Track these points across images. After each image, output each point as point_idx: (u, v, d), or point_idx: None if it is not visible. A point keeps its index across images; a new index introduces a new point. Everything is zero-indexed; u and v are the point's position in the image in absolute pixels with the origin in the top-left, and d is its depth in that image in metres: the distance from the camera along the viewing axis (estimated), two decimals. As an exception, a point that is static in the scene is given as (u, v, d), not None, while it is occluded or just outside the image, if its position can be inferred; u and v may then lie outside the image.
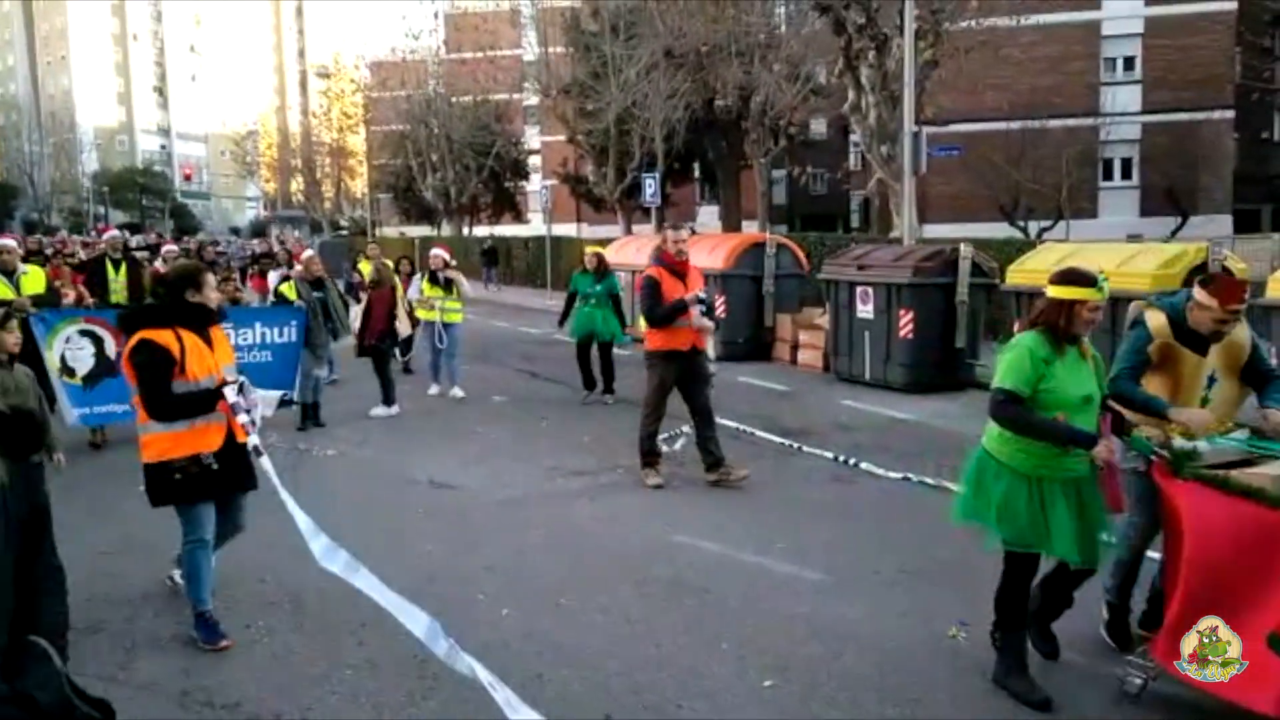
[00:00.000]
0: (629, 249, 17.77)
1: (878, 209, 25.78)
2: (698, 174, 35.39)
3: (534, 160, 46.00)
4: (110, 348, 7.90)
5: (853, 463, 7.88)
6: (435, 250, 11.74)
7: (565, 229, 37.90)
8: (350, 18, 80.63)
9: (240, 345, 8.05)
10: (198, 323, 4.43)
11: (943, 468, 7.61)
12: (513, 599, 5.05)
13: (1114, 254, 9.92)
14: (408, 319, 11.94)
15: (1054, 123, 28.51)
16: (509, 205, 43.19)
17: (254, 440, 4.27)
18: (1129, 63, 31.27)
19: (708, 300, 7.27)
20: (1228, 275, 5.06)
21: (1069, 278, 3.84)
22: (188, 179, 77.62)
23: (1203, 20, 29.87)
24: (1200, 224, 27.58)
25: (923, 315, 11.34)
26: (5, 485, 1.81)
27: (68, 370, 7.84)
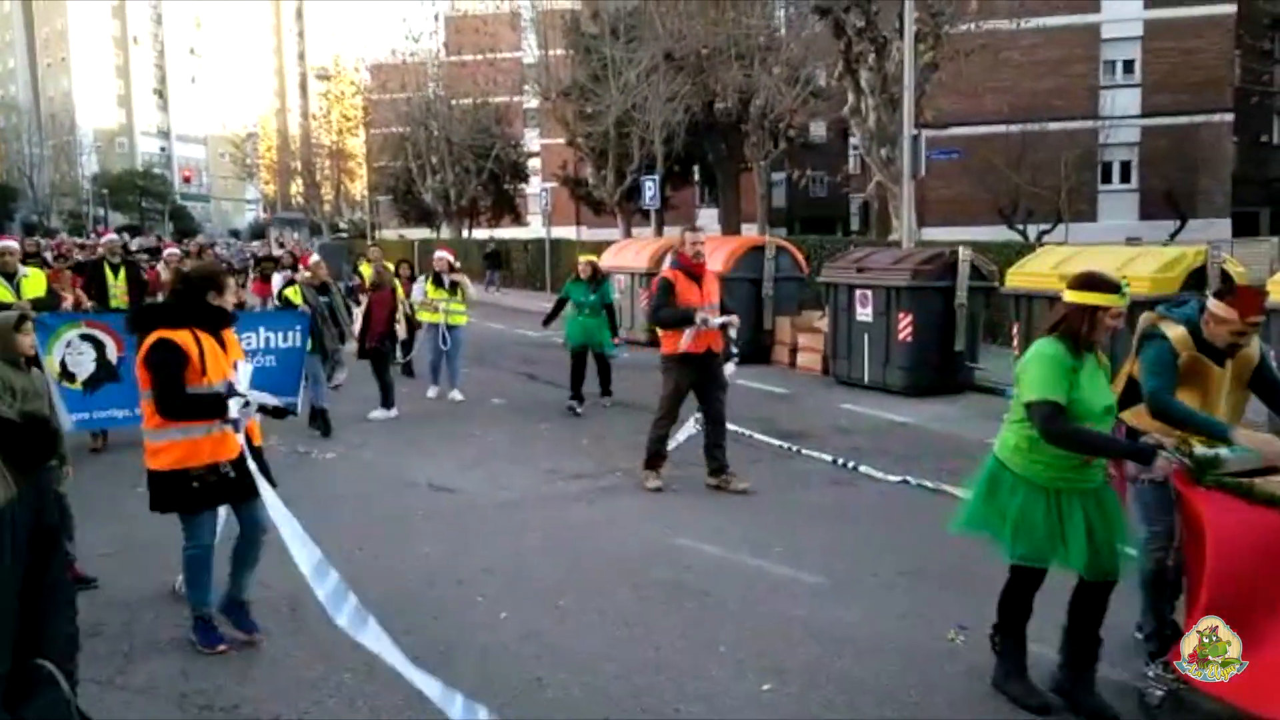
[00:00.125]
0: (627, 252, 17.80)
1: (877, 212, 25.77)
2: (697, 177, 35.44)
3: (534, 163, 46.01)
4: (111, 352, 7.84)
5: (851, 466, 7.88)
6: (439, 253, 11.72)
7: (565, 232, 37.93)
8: (350, 20, 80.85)
9: (244, 350, 8.01)
10: (214, 325, 4.37)
11: (941, 471, 7.62)
12: (511, 602, 5.05)
13: (1113, 257, 9.93)
14: (406, 322, 11.97)
15: (1053, 126, 28.56)
16: (508, 208, 43.21)
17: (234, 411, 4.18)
18: (1128, 66, 31.32)
19: (735, 348, 7.55)
20: (1244, 286, 4.94)
21: (1091, 283, 3.66)
22: (187, 181, 77.66)
23: (1202, 23, 29.93)
24: (1199, 227, 27.60)
25: (922, 318, 11.35)
26: (14, 499, 1.73)
27: (67, 375, 7.81)
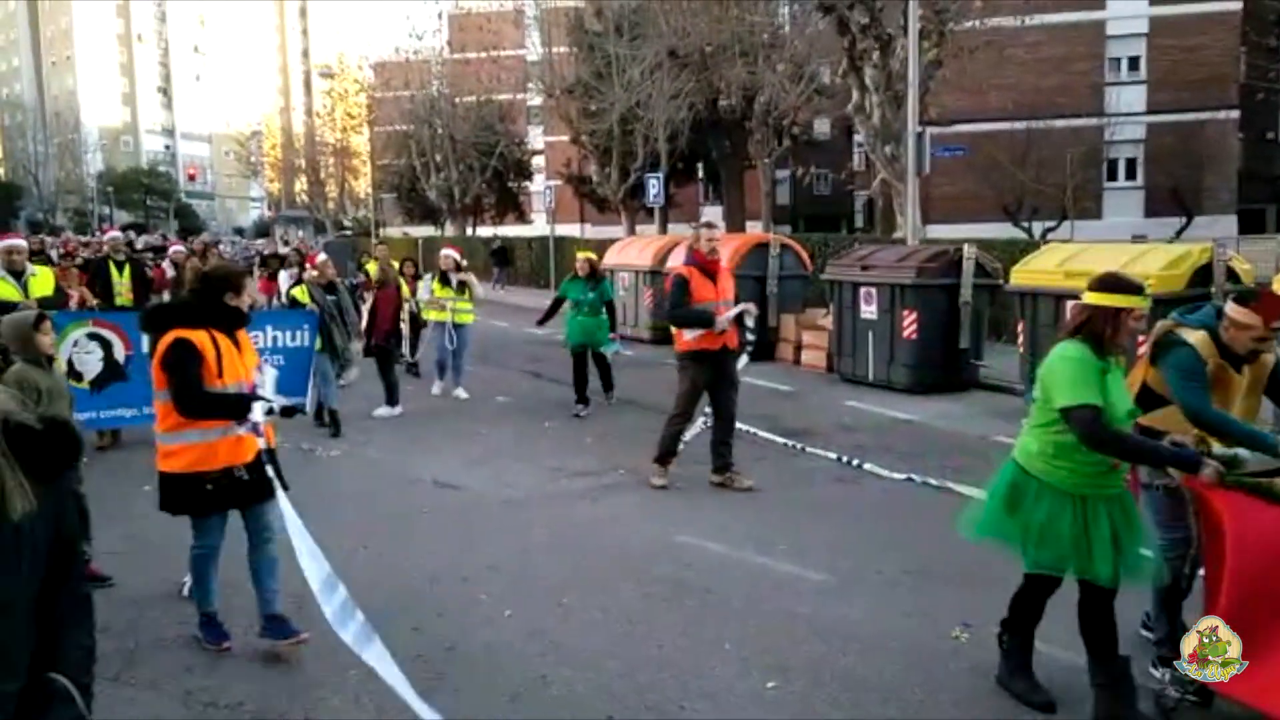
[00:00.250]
0: (631, 250, 17.79)
1: (881, 209, 25.73)
2: (701, 174, 35.37)
3: (537, 160, 46.01)
4: (119, 351, 7.84)
5: (856, 463, 7.87)
6: (446, 251, 11.57)
7: (569, 229, 37.91)
8: (354, 18, 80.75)
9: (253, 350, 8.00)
10: (230, 326, 4.33)
11: (946, 468, 7.62)
12: (515, 599, 5.05)
13: (1119, 254, 9.89)
14: (412, 320, 11.98)
15: (1059, 123, 28.45)
16: (512, 205, 43.21)
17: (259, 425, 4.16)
18: (1134, 63, 31.20)
19: (752, 340, 7.43)
20: (1268, 291, 4.86)
21: (1115, 285, 3.58)
22: (192, 179, 77.84)
23: (1208, 20, 29.81)
24: (1205, 224, 27.51)
25: (926, 316, 11.33)
26: (33, 511, 1.67)
27: (74, 374, 7.80)
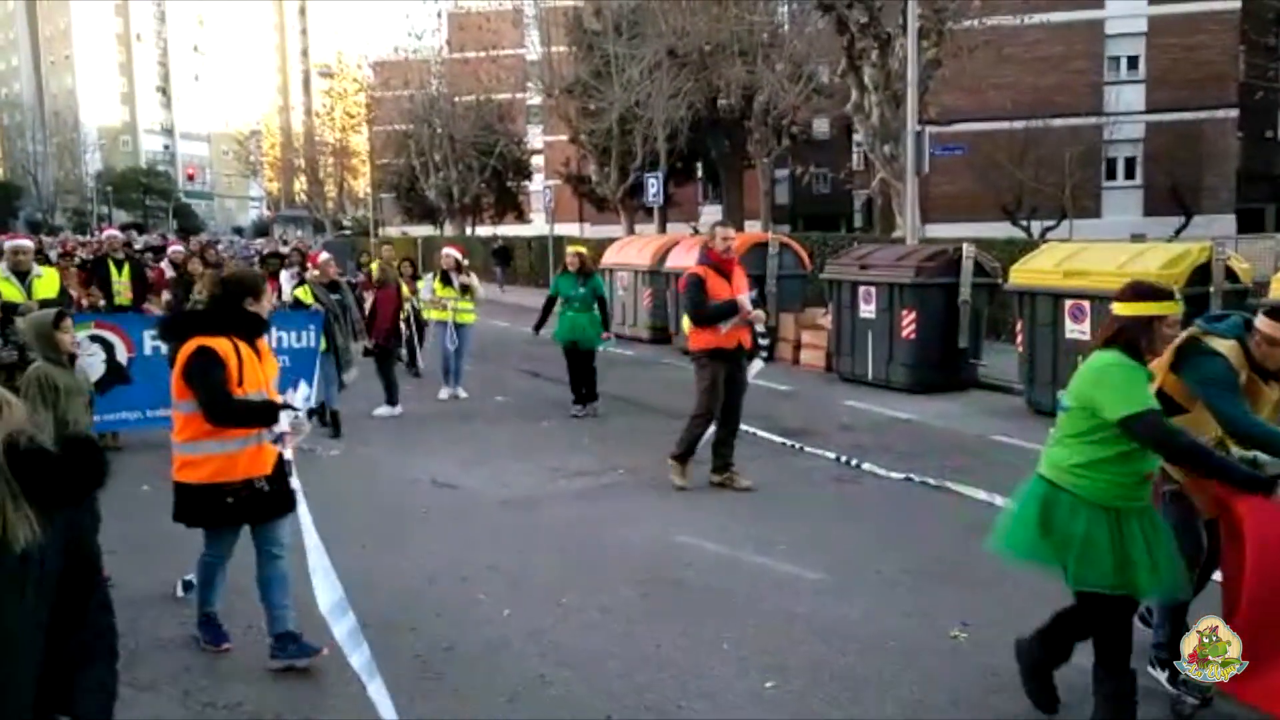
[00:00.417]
0: (630, 249, 17.78)
1: (880, 209, 25.74)
2: (700, 174, 35.39)
3: (536, 160, 46.04)
4: (121, 354, 7.79)
5: (855, 463, 7.87)
6: (447, 250, 11.46)
7: (568, 229, 37.91)
8: (353, 17, 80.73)
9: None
10: (250, 333, 4.22)
11: (945, 468, 7.62)
12: (514, 599, 5.05)
13: (1118, 253, 9.89)
14: (415, 318, 11.96)
15: (1057, 122, 28.46)
16: (511, 205, 43.22)
17: (288, 453, 4.15)
18: (1133, 62, 31.21)
19: (756, 303, 7.26)
20: None
21: (1145, 292, 3.50)
22: (191, 179, 77.81)
23: (1206, 19, 29.82)
24: (1204, 223, 27.52)
25: (925, 315, 11.32)
26: (38, 541, 1.53)
27: None
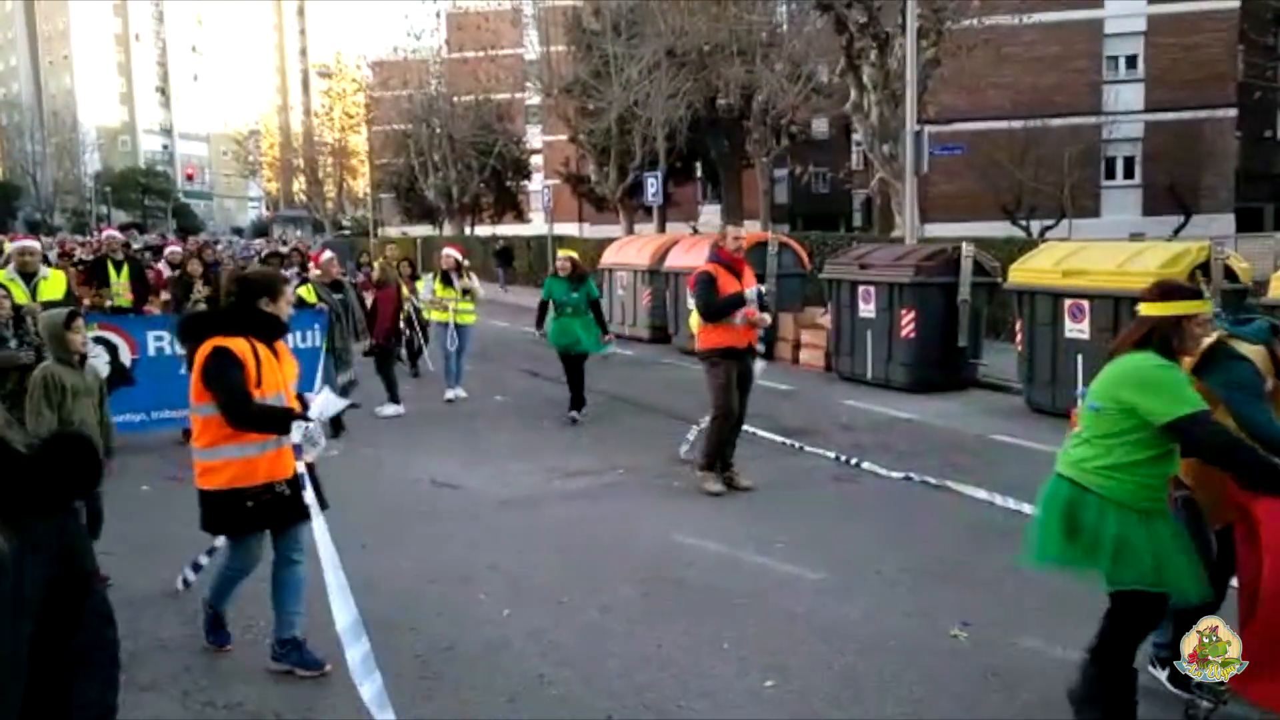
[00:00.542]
0: (630, 249, 17.79)
1: (880, 208, 25.75)
2: (699, 173, 35.40)
3: (536, 160, 46.02)
4: (125, 355, 7.76)
5: (854, 462, 7.86)
6: (447, 250, 11.39)
7: (567, 228, 37.93)
8: (352, 17, 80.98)
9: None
10: (268, 334, 4.11)
11: (945, 467, 7.62)
12: (514, 599, 5.05)
13: (1117, 253, 9.90)
14: (417, 318, 11.95)
15: (1056, 121, 28.48)
16: (511, 205, 43.22)
17: (301, 466, 3.97)
18: (1131, 61, 31.22)
19: (763, 295, 7.22)
20: None
21: (1175, 292, 3.45)
22: (190, 179, 77.71)
23: (1205, 18, 29.83)
24: (1203, 223, 27.54)
25: (925, 314, 11.33)
26: (13, 550, 1.39)
27: None
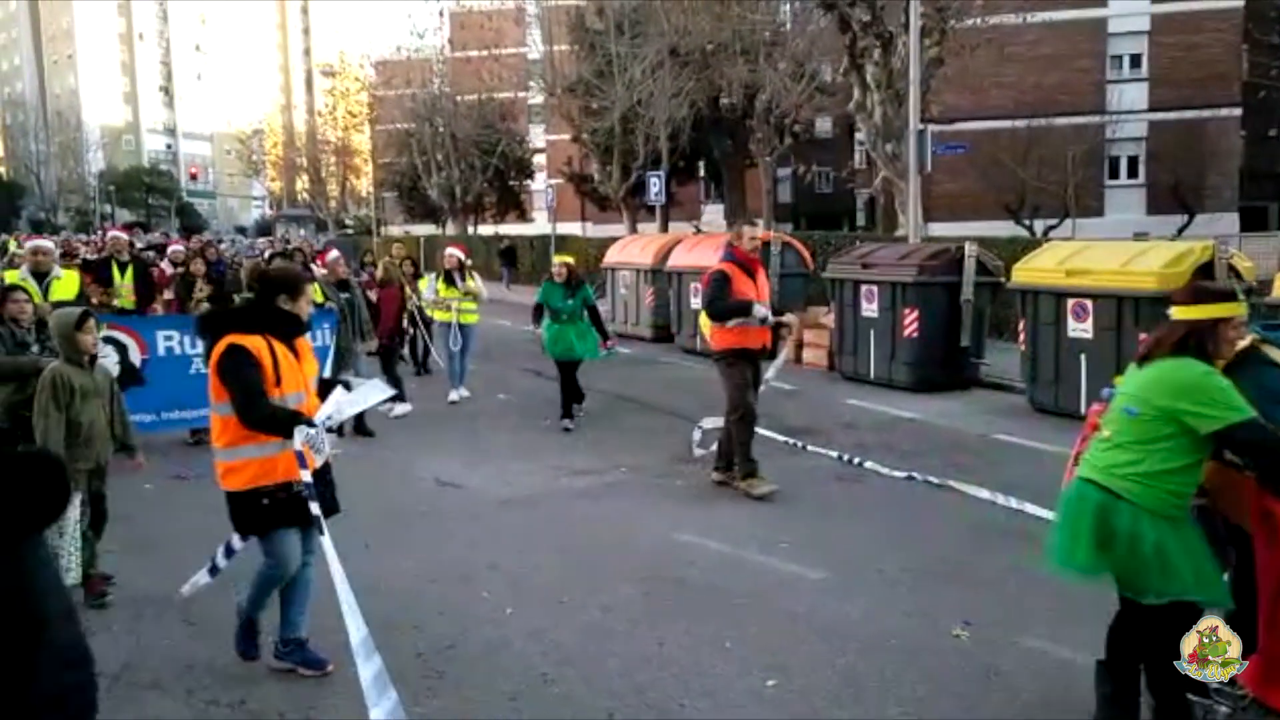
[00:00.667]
0: (633, 248, 17.79)
1: (883, 207, 25.69)
2: (703, 172, 35.36)
3: (539, 159, 46.04)
4: (134, 355, 7.75)
5: (857, 461, 7.87)
6: (450, 250, 11.38)
7: (570, 228, 37.92)
8: (355, 16, 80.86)
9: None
10: (287, 332, 4.06)
11: (947, 467, 7.62)
12: (516, 598, 5.06)
13: (1120, 252, 9.89)
14: (419, 318, 11.96)
15: (1060, 121, 28.43)
16: (514, 204, 43.23)
17: (307, 477, 3.84)
18: (1135, 60, 31.17)
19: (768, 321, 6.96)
20: None
21: (1208, 295, 3.39)
22: (194, 178, 77.73)
23: (1210, 17, 29.77)
24: (1207, 222, 27.50)
25: (928, 314, 11.32)
26: None
27: None
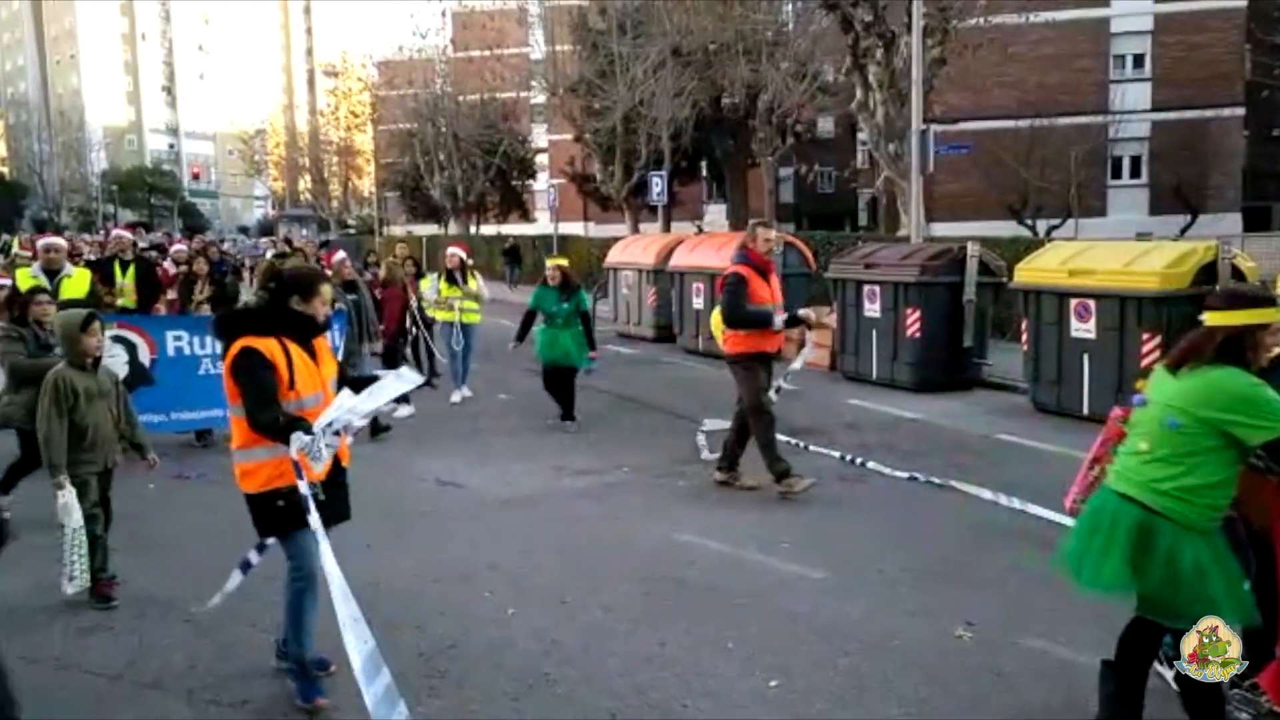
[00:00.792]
0: (635, 248, 17.80)
1: (885, 207, 25.69)
2: (705, 172, 35.36)
3: (541, 159, 46.08)
4: (144, 354, 7.74)
5: (859, 462, 7.86)
6: (452, 249, 11.35)
7: (572, 228, 37.95)
8: (358, 17, 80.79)
9: None
10: (303, 334, 3.97)
11: (949, 467, 7.61)
12: (518, 598, 5.05)
13: (1123, 252, 9.88)
14: (421, 317, 11.96)
15: (1063, 120, 28.39)
16: (516, 204, 43.25)
17: (304, 488, 3.72)
18: (1138, 60, 31.13)
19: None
20: None
21: (1244, 300, 3.32)
22: (196, 178, 77.91)
23: (1213, 17, 29.74)
24: (1210, 222, 27.48)
25: (930, 314, 11.32)
26: None
27: None
